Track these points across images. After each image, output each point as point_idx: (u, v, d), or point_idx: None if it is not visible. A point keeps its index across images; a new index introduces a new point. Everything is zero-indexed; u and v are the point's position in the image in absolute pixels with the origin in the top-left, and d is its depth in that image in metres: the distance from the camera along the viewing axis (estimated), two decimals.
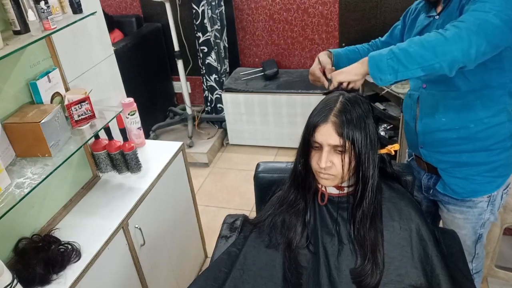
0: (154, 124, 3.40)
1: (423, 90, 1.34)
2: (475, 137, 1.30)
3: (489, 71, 1.21)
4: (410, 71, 1.06)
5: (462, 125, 1.29)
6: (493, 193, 1.38)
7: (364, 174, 1.07)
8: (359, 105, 1.06)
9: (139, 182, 1.73)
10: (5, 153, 1.29)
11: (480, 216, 1.42)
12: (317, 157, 1.07)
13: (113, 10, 3.53)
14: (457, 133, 1.30)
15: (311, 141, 1.07)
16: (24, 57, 1.38)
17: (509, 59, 1.19)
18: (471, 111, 1.27)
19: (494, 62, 1.18)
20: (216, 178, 3.06)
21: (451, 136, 1.31)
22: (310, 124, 1.07)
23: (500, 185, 1.38)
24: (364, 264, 1.09)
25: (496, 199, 1.40)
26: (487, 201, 1.39)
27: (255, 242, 1.23)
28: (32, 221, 1.44)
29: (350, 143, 1.03)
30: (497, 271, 1.99)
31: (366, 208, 1.09)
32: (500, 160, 1.33)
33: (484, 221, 1.44)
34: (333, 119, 1.03)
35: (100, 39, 1.78)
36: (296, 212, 1.17)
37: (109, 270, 1.49)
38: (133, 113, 1.86)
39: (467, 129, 1.29)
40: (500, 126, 1.29)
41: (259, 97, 3.08)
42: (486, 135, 1.29)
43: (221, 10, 3.17)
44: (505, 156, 1.33)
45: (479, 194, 1.38)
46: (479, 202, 1.39)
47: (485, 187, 1.37)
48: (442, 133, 1.32)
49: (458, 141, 1.31)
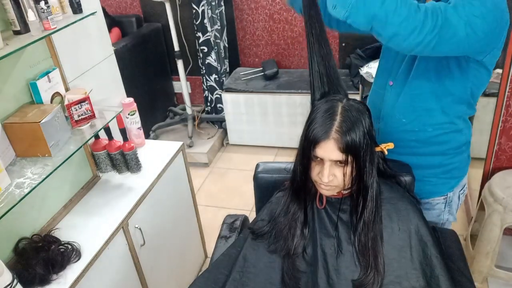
0: (154, 124, 3.40)
1: (389, 88, 1.34)
2: (432, 141, 1.32)
3: (452, 79, 1.22)
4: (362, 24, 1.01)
5: (421, 128, 1.31)
6: (449, 194, 1.41)
7: (365, 184, 1.07)
8: (358, 114, 1.04)
9: (139, 182, 1.73)
10: (5, 153, 1.29)
11: (439, 217, 1.45)
12: (317, 170, 1.06)
13: (113, 10, 3.52)
14: (415, 135, 1.32)
15: (311, 155, 1.05)
16: (24, 57, 1.38)
17: (474, 71, 1.20)
18: (431, 115, 1.28)
19: (459, 71, 1.20)
20: (216, 178, 3.06)
21: (409, 137, 1.33)
22: (310, 139, 1.03)
23: (454, 186, 1.41)
24: (366, 273, 1.09)
25: (452, 200, 1.43)
26: (443, 202, 1.42)
27: (254, 244, 1.23)
28: (32, 221, 1.44)
29: (352, 156, 1.02)
30: (497, 271, 1.99)
31: (367, 217, 1.09)
32: (454, 163, 1.36)
33: (443, 222, 1.47)
34: (335, 135, 1.00)
35: (100, 39, 1.78)
36: (295, 220, 1.17)
37: (109, 270, 1.49)
38: (133, 113, 1.86)
39: (425, 132, 1.31)
40: (457, 133, 1.32)
41: (259, 97, 3.08)
42: (443, 140, 1.32)
43: (221, 10, 3.17)
44: (459, 160, 1.37)
45: (434, 195, 1.41)
46: (436, 204, 1.43)
47: (439, 188, 1.40)
48: (400, 134, 1.33)
49: (415, 143, 1.33)
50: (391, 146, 1.16)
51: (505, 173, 1.97)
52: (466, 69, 1.19)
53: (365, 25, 1.02)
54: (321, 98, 1.13)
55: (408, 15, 0.99)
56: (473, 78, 1.21)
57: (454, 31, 1.02)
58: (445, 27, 1.01)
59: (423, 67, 1.24)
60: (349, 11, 1.00)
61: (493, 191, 1.88)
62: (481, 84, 1.25)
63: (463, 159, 1.39)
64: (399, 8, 0.99)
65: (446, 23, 1.01)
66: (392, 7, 0.98)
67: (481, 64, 1.18)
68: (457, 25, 1.02)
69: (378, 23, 1.00)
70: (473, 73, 1.20)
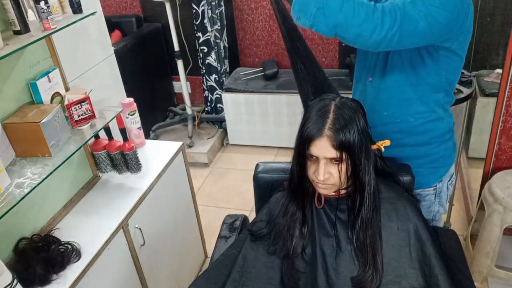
0: (154, 124, 3.40)
1: (369, 83, 1.38)
2: (415, 131, 1.35)
3: (426, 69, 1.26)
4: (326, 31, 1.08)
5: (402, 119, 1.34)
6: (438, 185, 1.44)
7: (361, 182, 1.08)
8: (352, 111, 1.05)
9: (139, 182, 1.73)
10: (5, 153, 1.29)
11: (429, 209, 1.48)
12: (313, 168, 1.07)
13: (113, 10, 3.53)
14: (398, 126, 1.35)
15: (306, 154, 1.06)
16: (24, 57, 1.38)
17: (445, 58, 1.24)
18: (410, 105, 1.32)
19: (431, 60, 1.24)
20: (216, 178, 3.06)
21: (392, 129, 1.36)
22: (304, 137, 1.05)
23: (443, 175, 1.44)
24: (365, 270, 1.09)
25: (442, 191, 1.46)
26: (433, 193, 1.45)
27: (254, 244, 1.23)
28: (32, 221, 1.44)
29: (347, 153, 1.03)
30: (497, 271, 1.99)
31: (364, 215, 1.10)
32: (439, 151, 1.40)
33: (434, 213, 1.50)
34: (328, 133, 1.02)
35: (100, 39, 1.78)
36: (294, 221, 1.17)
37: (109, 270, 1.49)
38: (133, 113, 1.86)
39: (407, 122, 1.34)
40: (438, 121, 1.36)
41: (259, 97, 3.08)
42: (425, 128, 1.35)
43: (221, 10, 3.17)
44: (444, 148, 1.40)
45: (423, 186, 1.43)
46: (426, 195, 1.45)
47: (428, 179, 1.43)
48: (383, 126, 1.36)
49: (399, 134, 1.36)
50: (387, 143, 1.16)
51: (505, 173, 1.97)
52: (437, 57, 1.23)
53: (328, 33, 1.08)
54: (314, 99, 1.14)
55: (367, 16, 1.05)
56: (445, 65, 1.25)
57: (415, 23, 1.07)
58: (405, 21, 1.06)
59: (397, 60, 1.28)
60: (311, 20, 1.06)
61: (493, 191, 1.88)
62: (454, 71, 1.29)
63: (448, 148, 1.42)
64: (357, 11, 1.04)
65: (405, 17, 1.06)
66: (350, 12, 1.04)
67: (451, 51, 1.22)
68: (417, 18, 1.07)
69: (340, 28, 1.06)
70: (444, 60, 1.24)
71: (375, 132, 1.36)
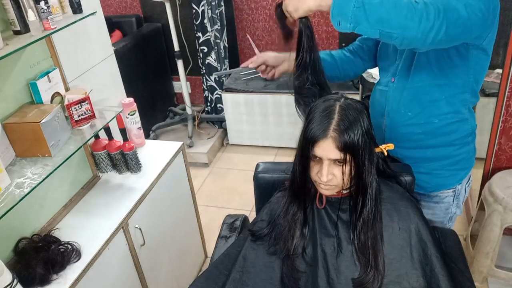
0: (154, 124, 3.40)
1: (391, 85, 1.36)
2: (439, 132, 1.33)
3: (454, 68, 1.23)
4: (369, 30, 1.03)
5: (426, 120, 1.32)
6: (457, 187, 1.42)
7: (364, 183, 1.07)
8: (357, 112, 1.04)
9: (139, 182, 1.73)
10: (5, 153, 1.28)
11: (447, 210, 1.46)
12: (316, 169, 1.06)
13: (113, 10, 3.53)
14: (422, 128, 1.33)
15: (310, 154, 1.05)
16: (24, 57, 1.38)
17: (475, 58, 1.21)
18: (436, 106, 1.30)
19: (461, 60, 1.21)
20: (216, 178, 3.06)
21: (416, 131, 1.34)
22: (308, 138, 1.04)
23: (463, 178, 1.42)
24: (366, 272, 1.09)
25: (460, 193, 1.45)
26: (452, 195, 1.43)
27: (254, 244, 1.23)
28: (32, 221, 1.44)
29: (351, 155, 1.02)
30: (497, 271, 1.99)
31: (366, 216, 1.09)
32: (461, 154, 1.37)
33: (451, 215, 1.49)
34: (333, 134, 1.00)
35: (100, 39, 1.78)
36: (295, 221, 1.17)
37: (109, 270, 1.49)
38: (133, 113, 1.86)
39: (432, 124, 1.32)
40: (463, 122, 1.33)
41: (259, 97, 3.08)
42: (449, 130, 1.33)
43: (221, 10, 3.17)
44: (466, 150, 1.38)
45: (443, 187, 1.42)
46: (445, 197, 1.43)
47: (448, 181, 1.41)
48: (407, 127, 1.34)
49: (422, 136, 1.34)
50: (391, 147, 1.16)
51: (505, 173, 1.97)
52: (467, 56, 1.20)
53: (372, 31, 1.03)
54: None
55: (409, 6, 1.00)
56: (474, 64, 1.23)
57: (457, 13, 1.03)
58: (448, 10, 1.02)
59: (424, 61, 1.25)
60: (352, 22, 1.01)
61: (493, 191, 1.88)
62: (483, 70, 1.26)
63: (470, 150, 1.39)
64: (398, 3, 1.00)
65: (447, 6, 1.02)
66: (391, 4, 1.00)
67: (481, 49, 1.20)
68: (458, 7, 1.03)
69: (384, 23, 1.01)
70: (474, 60, 1.22)
71: (398, 134, 1.36)
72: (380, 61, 1.44)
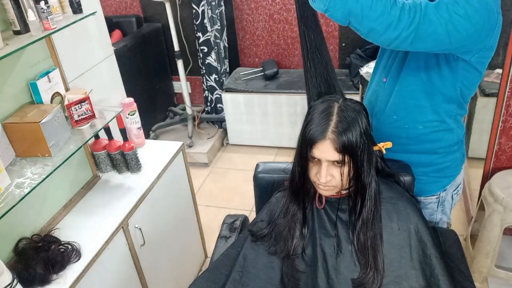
0: (154, 124, 3.40)
1: (383, 85, 1.35)
2: (423, 139, 1.32)
3: (442, 78, 1.22)
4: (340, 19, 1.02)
5: (411, 125, 1.31)
6: (441, 194, 1.42)
7: (363, 183, 1.08)
8: (355, 113, 1.04)
9: (139, 182, 1.73)
10: (5, 153, 1.29)
11: (432, 216, 1.46)
12: (315, 170, 1.07)
13: (113, 10, 3.53)
14: (406, 132, 1.33)
15: (308, 156, 1.05)
16: (24, 57, 1.38)
17: (463, 71, 1.20)
18: (421, 113, 1.29)
19: (449, 70, 1.20)
20: (216, 178, 3.06)
21: (400, 134, 1.33)
22: (306, 139, 1.04)
23: (447, 185, 1.41)
24: (366, 272, 1.09)
25: (445, 200, 1.43)
26: (436, 201, 1.43)
27: (254, 244, 1.23)
28: (32, 221, 1.44)
29: (349, 156, 1.02)
30: (497, 271, 1.99)
31: (365, 216, 1.10)
32: (446, 162, 1.37)
33: (436, 221, 1.48)
34: (331, 136, 1.01)
35: (100, 39, 1.78)
36: (294, 221, 1.17)
37: (109, 270, 1.49)
38: (133, 113, 1.86)
39: (416, 129, 1.31)
40: (448, 132, 1.32)
41: (259, 97, 3.08)
42: (433, 138, 1.32)
43: (221, 10, 3.17)
44: (451, 159, 1.37)
45: (425, 193, 1.41)
46: (428, 203, 1.43)
47: (430, 187, 1.40)
48: (392, 130, 1.34)
49: (406, 140, 1.34)
50: (389, 145, 1.16)
51: (505, 173, 1.97)
52: (455, 68, 1.19)
53: (342, 20, 1.03)
54: (317, 98, 1.14)
55: (384, 10, 1.00)
56: (462, 78, 1.21)
57: (434, 28, 1.02)
58: (423, 23, 1.02)
59: (414, 65, 1.24)
60: (327, 5, 1.01)
61: (493, 191, 1.88)
62: (471, 85, 1.25)
63: (456, 158, 1.39)
64: (375, 4, 1.00)
65: (424, 19, 1.01)
66: (367, 3, 0.99)
67: (470, 64, 1.18)
68: (437, 23, 1.02)
69: (355, 18, 1.01)
70: (462, 73, 1.20)
71: (383, 135, 1.35)
72: (380, 57, 1.43)
